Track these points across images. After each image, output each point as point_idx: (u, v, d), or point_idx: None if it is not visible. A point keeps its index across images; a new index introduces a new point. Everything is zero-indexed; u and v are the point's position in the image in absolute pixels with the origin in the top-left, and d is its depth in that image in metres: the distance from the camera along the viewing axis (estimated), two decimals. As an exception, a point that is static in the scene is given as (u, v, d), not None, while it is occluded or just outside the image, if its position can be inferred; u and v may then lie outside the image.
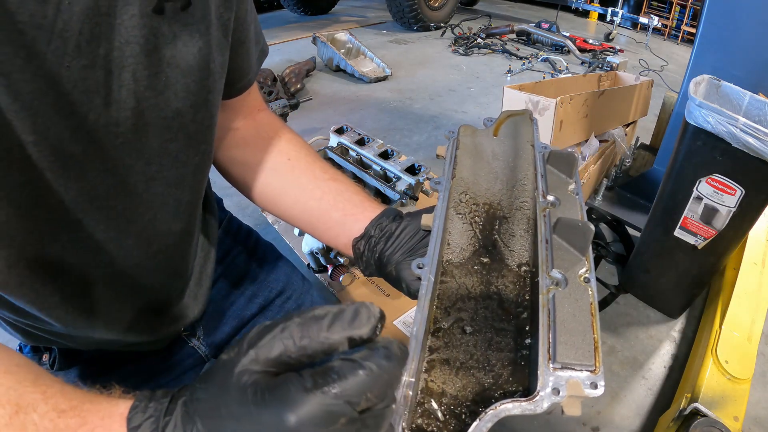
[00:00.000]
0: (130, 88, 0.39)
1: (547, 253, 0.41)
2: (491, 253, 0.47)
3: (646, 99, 2.03)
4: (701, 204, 1.18)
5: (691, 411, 1.00)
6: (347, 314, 0.30)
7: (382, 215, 0.57)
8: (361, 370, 0.28)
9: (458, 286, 0.44)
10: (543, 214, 0.46)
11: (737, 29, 1.43)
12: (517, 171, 0.53)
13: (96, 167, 0.41)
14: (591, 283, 0.39)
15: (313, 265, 1.51)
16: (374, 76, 3.12)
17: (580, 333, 0.35)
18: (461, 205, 0.50)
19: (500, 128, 0.59)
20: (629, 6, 4.86)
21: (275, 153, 0.64)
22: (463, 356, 0.39)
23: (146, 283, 0.53)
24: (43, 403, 0.32)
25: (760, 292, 1.32)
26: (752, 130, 1.00)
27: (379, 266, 0.55)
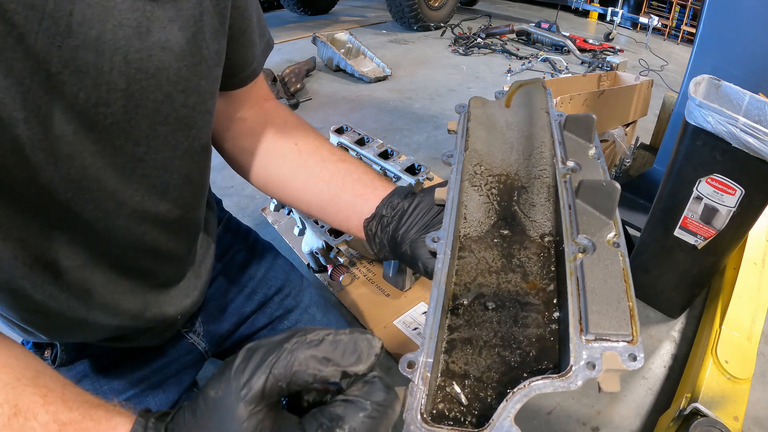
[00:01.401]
0: (121, 70, 0.40)
1: (570, 218, 0.39)
2: (511, 224, 0.44)
3: (646, 99, 2.03)
4: (701, 204, 1.18)
5: (691, 411, 1.00)
6: (344, 345, 0.28)
7: (393, 193, 0.55)
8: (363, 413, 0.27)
9: (478, 261, 0.41)
10: (564, 180, 0.43)
11: (737, 29, 1.43)
12: (533, 139, 0.49)
13: (86, 147, 0.41)
14: (621, 247, 0.36)
15: (313, 264, 1.51)
16: (374, 76, 3.12)
17: (613, 300, 0.32)
18: (476, 177, 0.47)
19: (512, 98, 0.56)
20: (629, 6, 4.86)
21: (282, 139, 0.64)
22: (486, 334, 0.36)
23: (136, 265, 0.53)
24: (43, 410, 0.32)
25: (760, 292, 1.32)
26: (752, 130, 1.00)
27: (393, 246, 0.53)
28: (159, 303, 0.58)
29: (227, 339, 0.76)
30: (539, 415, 1.14)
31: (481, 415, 0.32)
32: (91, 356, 0.62)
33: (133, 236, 0.50)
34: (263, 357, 0.28)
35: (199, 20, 0.45)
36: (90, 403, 0.34)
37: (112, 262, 0.50)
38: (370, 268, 1.52)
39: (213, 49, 0.48)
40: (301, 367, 0.27)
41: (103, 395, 0.62)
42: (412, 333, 1.32)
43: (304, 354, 0.27)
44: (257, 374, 0.27)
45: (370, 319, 1.36)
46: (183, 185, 0.53)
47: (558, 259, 0.40)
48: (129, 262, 0.52)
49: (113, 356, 0.64)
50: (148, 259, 0.54)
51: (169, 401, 0.67)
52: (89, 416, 0.33)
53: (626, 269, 0.34)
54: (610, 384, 0.30)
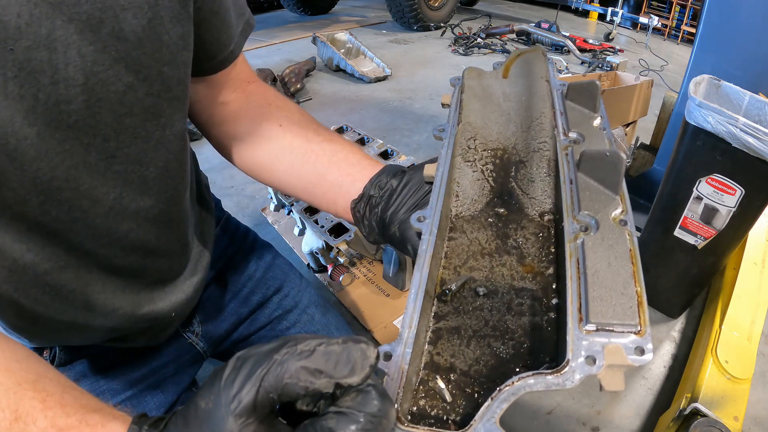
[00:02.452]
0: (77, 64, 0.39)
1: (572, 194, 0.35)
2: (507, 202, 0.41)
3: (646, 99, 2.03)
4: (701, 204, 1.18)
5: (691, 411, 1.00)
6: (336, 356, 0.26)
7: (382, 172, 0.53)
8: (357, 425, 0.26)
9: (470, 242, 0.38)
10: (565, 153, 0.39)
11: (737, 29, 1.43)
12: (533, 110, 0.45)
13: (52, 148, 0.40)
14: (628, 225, 0.32)
15: (313, 264, 1.51)
16: (374, 76, 3.12)
17: (618, 285, 0.28)
18: (470, 151, 0.44)
19: (510, 68, 0.52)
20: (629, 6, 4.86)
21: (266, 121, 0.62)
22: (475, 323, 0.33)
23: (122, 263, 0.52)
24: (41, 415, 0.33)
25: (760, 292, 1.32)
26: (752, 130, 1.00)
27: (381, 228, 0.51)
28: (152, 300, 0.58)
29: (226, 339, 0.76)
30: (539, 415, 1.14)
31: (466, 413, 0.28)
32: (89, 356, 0.62)
33: (116, 234, 0.49)
34: (252, 368, 0.27)
35: (153, 6, 0.43)
36: (87, 408, 0.35)
37: (98, 262, 0.49)
38: (370, 268, 1.52)
39: (175, 33, 0.47)
40: (292, 380, 0.26)
41: (102, 395, 0.62)
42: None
43: (295, 366, 0.26)
44: (246, 387, 0.27)
45: (370, 319, 1.36)
46: (162, 177, 0.51)
47: (558, 240, 0.36)
48: (116, 261, 0.51)
49: (112, 356, 0.64)
50: (137, 257, 0.53)
51: (168, 401, 0.67)
52: (86, 421, 0.33)
53: (634, 250, 0.30)
54: (613, 382, 0.25)
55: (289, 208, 1.52)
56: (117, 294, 0.53)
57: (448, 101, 0.51)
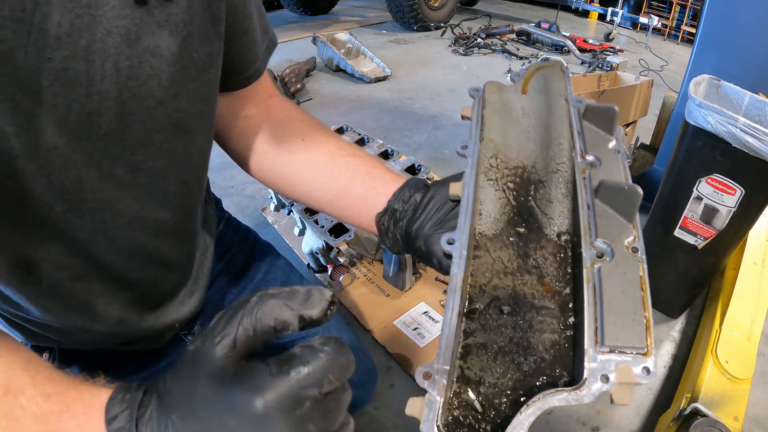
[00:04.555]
0: (113, 78, 0.39)
1: (589, 220, 0.37)
2: (527, 221, 0.42)
3: (646, 99, 2.03)
4: (701, 204, 1.18)
5: (691, 411, 1.00)
6: (300, 295, 0.32)
7: (405, 186, 0.54)
8: (321, 353, 0.30)
9: (493, 261, 0.40)
10: (583, 176, 0.41)
11: (737, 29, 1.43)
12: (552, 129, 0.47)
13: (80, 158, 0.41)
14: (640, 253, 0.35)
15: (313, 265, 1.51)
16: (374, 76, 3.12)
17: (629, 311, 0.31)
18: (492, 170, 0.45)
19: (529, 83, 0.53)
20: (629, 6, 4.86)
21: (288, 135, 0.62)
22: (501, 340, 0.35)
23: (136, 276, 0.53)
24: (31, 387, 0.34)
25: (760, 292, 1.32)
26: (752, 130, 1.00)
27: (406, 242, 0.52)
28: (156, 314, 0.58)
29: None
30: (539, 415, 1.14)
31: (496, 422, 0.31)
32: (89, 358, 0.62)
33: (134, 246, 0.50)
34: (233, 313, 0.31)
35: (188, 24, 0.44)
36: (76, 381, 0.36)
37: (113, 274, 0.50)
38: (370, 268, 1.52)
39: (203, 52, 0.48)
40: (264, 314, 0.31)
41: None
42: (413, 333, 1.32)
43: (267, 303, 0.31)
44: (229, 326, 0.31)
45: (370, 319, 1.36)
46: (181, 191, 0.52)
47: (575, 261, 0.39)
48: (131, 273, 0.52)
49: (111, 359, 0.64)
50: (150, 269, 0.54)
51: None
52: (74, 387, 0.35)
53: (644, 277, 0.33)
54: (623, 396, 0.29)
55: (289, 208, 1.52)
56: (126, 306, 0.53)
57: (467, 113, 0.51)
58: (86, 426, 0.33)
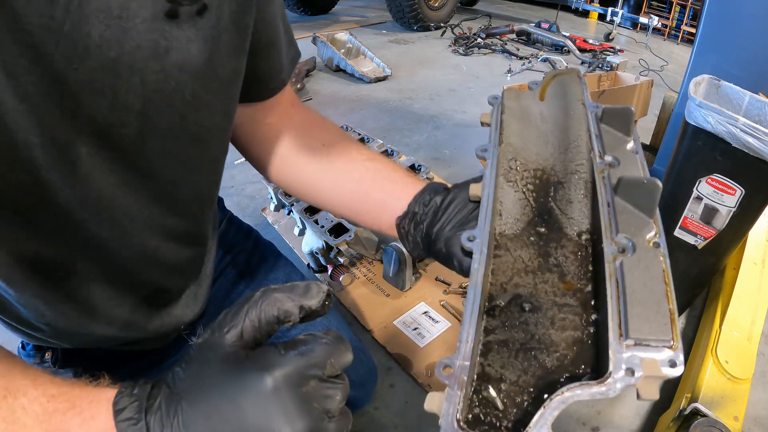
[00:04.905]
0: (138, 92, 0.39)
1: (609, 217, 0.37)
2: (547, 222, 0.43)
3: (646, 99, 2.03)
4: (701, 204, 1.18)
5: (691, 411, 1.00)
6: (300, 288, 0.35)
7: (425, 190, 0.54)
8: (324, 340, 0.34)
9: (514, 260, 0.40)
10: (602, 176, 0.41)
11: (737, 29, 1.43)
12: (569, 132, 0.48)
13: (101, 167, 0.41)
14: (661, 248, 0.35)
15: (313, 264, 1.51)
16: (374, 76, 3.12)
17: (653, 304, 0.31)
18: (511, 172, 0.46)
19: (547, 90, 0.54)
20: (629, 6, 4.86)
21: (310, 141, 0.63)
22: (522, 336, 0.35)
23: (144, 279, 0.53)
24: (32, 388, 0.33)
25: (760, 292, 1.32)
26: (752, 130, 1.00)
27: (427, 244, 0.52)
28: (162, 315, 0.59)
29: None
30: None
31: (517, 420, 0.31)
32: (91, 359, 0.62)
33: (143, 250, 0.50)
34: (239, 307, 0.34)
35: (217, 39, 0.44)
36: (79, 382, 0.36)
37: (123, 277, 0.50)
38: (370, 268, 1.52)
39: (229, 67, 0.48)
40: (268, 305, 0.34)
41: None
42: (413, 333, 1.32)
43: (270, 296, 0.34)
44: (236, 318, 0.34)
45: (370, 319, 1.36)
46: (192, 199, 0.53)
47: (595, 259, 0.39)
48: (138, 276, 0.52)
49: (114, 359, 0.64)
50: (158, 272, 0.54)
51: None
52: (78, 387, 0.35)
53: (667, 270, 0.33)
54: (649, 391, 0.29)
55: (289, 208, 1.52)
56: (133, 308, 0.54)
57: (487, 120, 0.52)
58: (91, 422, 0.33)
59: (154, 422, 0.31)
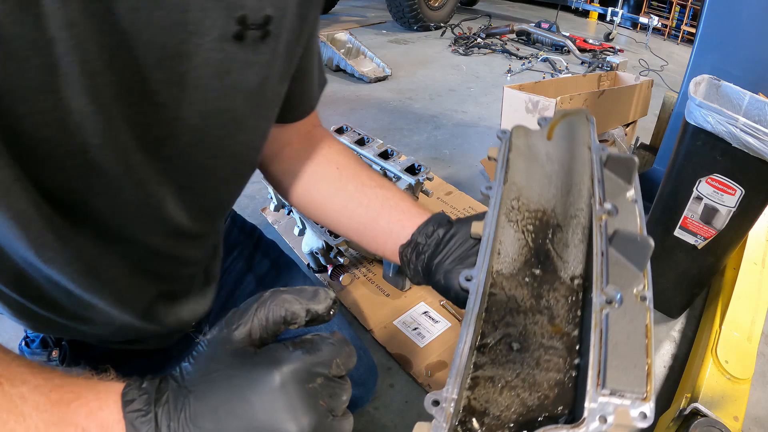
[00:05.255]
0: (196, 108, 0.41)
1: (602, 267, 0.39)
2: (543, 263, 0.44)
3: (646, 99, 2.03)
4: (701, 204, 1.18)
5: (691, 411, 1.00)
6: (308, 292, 0.36)
7: (429, 221, 0.56)
8: (330, 340, 0.35)
9: (507, 299, 0.42)
10: (599, 224, 0.43)
11: (737, 29, 1.43)
12: (573, 175, 0.49)
13: (150, 176, 0.43)
14: (648, 301, 0.37)
15: (313, 265, 1.51)
16: (374, 76, 3.12)
17: (633, 357, 0.33)
18: (513, 211, 0.47)
19: (555, 129, 0.56)
20: (629, 6, 4.86)
21: (325, 163, 0.66)
22: (508, 374, 0.37)
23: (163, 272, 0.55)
24: (32, 377, 0.32)
25: (760, 292, 1.32)
26: (752, 130, 1.00)
27: (427, 274, 0.54)
28: (176, 310, 0.60)
29: None
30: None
31: None
32: (97, 357, 0.62)
33: (162, 248, 0.52)
34: (248, 306, 0.35)
35: (271, 65, 0.46)
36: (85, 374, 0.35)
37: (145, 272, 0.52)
38: (370, 268, 1.52)
39: (276, 92, 0.50)
40: (277, 305, 0.34)
41: None
42: (412, 333, 1.32)
43: (279, 297, 0.35)
44: (245, 316, 0.34)
45: (370, 319, 1.36)
46: (215, 207, 0.56)
47: (584, 304, 0.40)
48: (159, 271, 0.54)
49: (119, 357, 0.64)
50: (175, 267, 0.56)
51: None
52: (84, 378, 0.34)
53: (649, 325, 0.35)
54: None
55: (289, 208, 1.52)
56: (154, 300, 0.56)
57: (494, 155, 0.54)
58: (98, 413, 0.32)
59: (162, 414, 0.31)
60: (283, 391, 0.31)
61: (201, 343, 0.35)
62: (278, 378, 0.31)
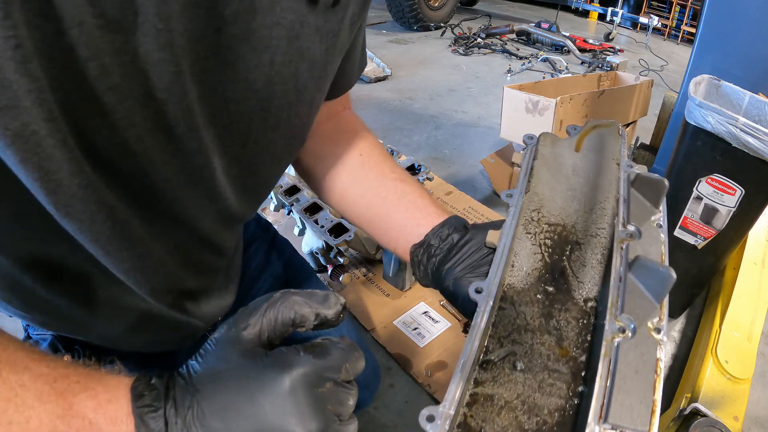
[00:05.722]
0: (263, 70, 0.39)
1: (618, 293, 0.37)
2: (558, 281, 0.42)
3: (646, 99, 2.03)
4: (701, 204, 1.18)
5: (691, 411, 1.00)
6: (318, 296, 0.36)
7: (445, 224, 0.54)
8: (340, 345, 0.35)
9: (516, 315, 0.40)
10: (620, 246, 0.40)
11: (737, 29, 1.43)
12: (598, 191, 0.47)
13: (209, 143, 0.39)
14: (661, 334, 0.35)
15: (313, 265, 1.51)
16: (374, 76, 3.12)
17: (639, 392, 0.32)
18: (532, 223, 0.45)
19: (584, 140, 0.53)
20: (629, 6, 4.86)
21: (348, 147, 0.63)
22: (508, 395, 0.36)
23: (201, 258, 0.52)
24: (35, 364, 0.30)
25: (760, 292, 1.32)
26: (752, 130, 1.00)
27: (436, 278, 0.52)
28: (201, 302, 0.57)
29: None
30: None
31: None
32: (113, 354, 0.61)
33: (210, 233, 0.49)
34: (257, 306, 0.35)
35: (336, 35, 0.44)
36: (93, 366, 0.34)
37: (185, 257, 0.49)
38: (370, 268, 1.52)
39: (336, 65, 0.49)
40: (287, 307, 0.34)
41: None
42: (412, 333, 1.32)
43: (289, 299, 0.35)
44: (254, 316, 0.34)
45: (370, 319, 1.36)
46: (262, 187, 0.53)
47: (595, 330, 0.39)
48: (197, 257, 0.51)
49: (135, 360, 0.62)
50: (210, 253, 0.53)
51: None
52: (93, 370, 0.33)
53: (660, 360, 0.34)
54: None
55: (289, 208, 1.52)
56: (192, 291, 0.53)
57: (518, 161, 0.54)
58: (107, 405, 0.31)
59: (170, 411, 0.31)
60: (292, 394, 0.31)
61: (209, 341, 0.34)
62: (288, 382, 0.31)
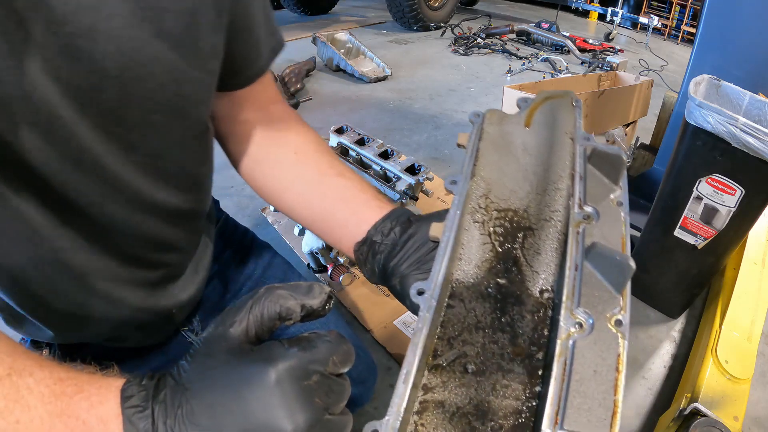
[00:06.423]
0: (114, 58, 0.40)
1: (574, 284, 0.34)
2: (510, 272, 0.39)
3: (646, 99, 2.03)
4: (701, 204, 1.18)
5: (691, 411, 1.00)
6: (302, 288, 0.36)
7: (387, 218, 0.52)
8: (327, 338, 0.35)
9: (466, 313, 0.37)
10: (577, 230, 0.37)
11: (737, 29, 1.43)
12: (551, 170, 0.43)
13: (84, 131, 0.42)
14: (623, 327, 0.32)
15: (313, 264, 1.51)
16: (374, 76, 3.12)
17: (598, 395, 0.29)
18: (479, 211, 0.41)
19: (534, 114, 0.48)
20: (629, 6, 4.86)
21: (282, 146, 0.62)
22: (460, 400, 0.33)
23: (138, 254, 0.53)
24: (38, 369, 0.33)
25: (760, 292, 1.32)
26: (752, 130, 1.00)
27: (383, 276, 0.51)
28: (157, 295, 0.58)
29: None
30: None
31: None
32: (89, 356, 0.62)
33: (132, 224, 0.50)
34: (243, 303, 0.35)
35: (194, 13, 0.45)
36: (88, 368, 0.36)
37: (111, 250, 0.51)
38: (370, 268, 1.52)
39: (210, 41, 0.48)
40: (271, 302, 0.35)
41: None
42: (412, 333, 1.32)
43: (274, 293, 0.35)
44: (240, 313, 0.35)
45: (370, 319, 1.36)
46: (178, 174, 0.53)
47: (553, 323, 0.36)
48: (129, 251, 0.52)
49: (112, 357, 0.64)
50: (149, 249, 0.54)
51: None
52: (87, 372, 0.35)
53: (621, 356, 0.31)
54: None
55: (289, 208, 1.52)
56: (125, 285, 0.54)
57: (463, 142, 0.47)
58: (99, 407, 0.33)
59: (159, 411, 0.32)
60: (278, 388, 0.31)
61: (197, 341, 0.35)
62: (273, 375, 0.31)
